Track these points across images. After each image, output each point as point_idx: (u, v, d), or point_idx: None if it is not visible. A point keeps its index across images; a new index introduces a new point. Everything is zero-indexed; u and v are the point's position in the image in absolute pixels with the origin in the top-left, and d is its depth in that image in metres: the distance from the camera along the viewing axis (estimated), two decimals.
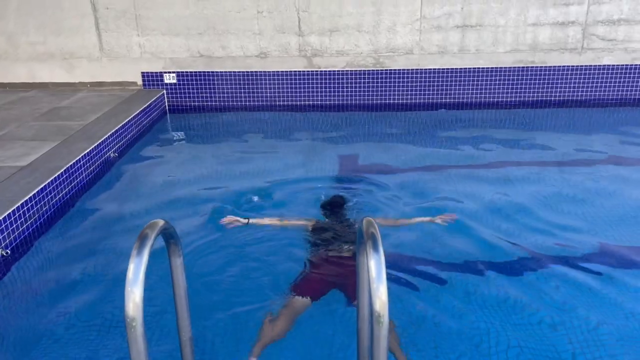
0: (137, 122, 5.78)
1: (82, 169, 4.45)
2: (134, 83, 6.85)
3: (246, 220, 3.48)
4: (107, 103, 6.15)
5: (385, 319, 1.24)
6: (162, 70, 6.76)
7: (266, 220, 3.55)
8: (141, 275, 1.22)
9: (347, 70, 6.74)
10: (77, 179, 4.35)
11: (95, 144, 4.70)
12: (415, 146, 5.61)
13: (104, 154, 4.89)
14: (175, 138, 6.19)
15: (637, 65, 6.59)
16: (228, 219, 3.48)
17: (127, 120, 5.49)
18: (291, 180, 4.51)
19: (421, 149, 5.48)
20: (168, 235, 1.43)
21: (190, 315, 1.62)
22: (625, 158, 5.03)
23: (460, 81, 6.69)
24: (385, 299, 1.22)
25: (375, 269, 1.21)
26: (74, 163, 4.29)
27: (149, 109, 6.21)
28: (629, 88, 6.67)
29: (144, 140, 5.79)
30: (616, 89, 6.67)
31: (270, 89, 6.83)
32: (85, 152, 4.50)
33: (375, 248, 1.24)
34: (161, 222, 1.36)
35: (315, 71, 6.76)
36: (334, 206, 3.67)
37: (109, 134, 5.01)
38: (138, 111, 5.83)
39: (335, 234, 3.28)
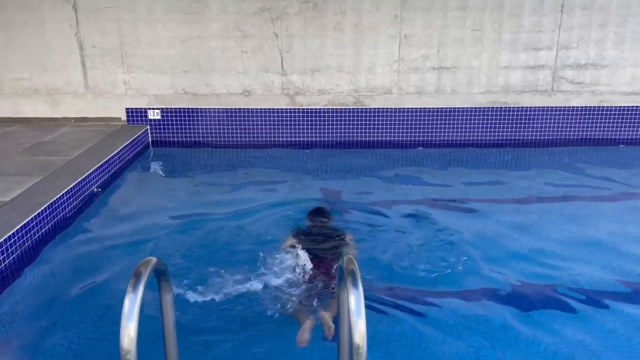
0: (120, 157, 5.85)
1: (66, 204, 4.49)
2: (118, 119, 6.94)
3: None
4: (91, 138, 6.22)
5: (363, 350, 1.33)
6: (147, 107, 6.88)
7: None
8: (136, 310, 1.30)
9: (329, 109, 6.94)
10: (60, 214, 4.38)
11: (79, 180, 4.75)
12: (393, 182, 5.76)
13: (87, 189, 4.93)
14: (157, 173, 6.27)
15: (604, 107, 6.93)
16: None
17: (110, 155, 5.56)
18: (270, 209, 4.68)
19: (399, 185, 5.64)
20: (160, 272, 1.51)
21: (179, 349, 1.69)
22: (596, 196, 5.24)
23: (436, 120, 6.94)
24: (364, 332, 1.32)
25: (354, 304, 1.31)
26: (57, 199, 4.33)
27: (132, 144, 6.29)
28: (597, 129, 6.99)
29: (127, 174, 5.85)
30: (585, 129, 6.98)
31: (253, 125, 6.98)
32: (69, 187, 4.55)
33: (355, 284, 1.34)
34: (154, 260, 1.45)
35: (298, 109, 6.95)
36: (317, 213, 4.02)
37: (93, 169, 5.06)
38: (122, 146, 5.91)
39: (317, 240, 3.68)
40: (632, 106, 6.93)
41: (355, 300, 1.32)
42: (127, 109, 6.87)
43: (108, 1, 6.48)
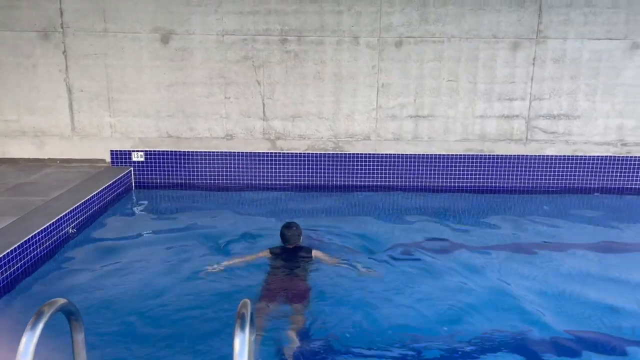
0: (100, 199, 5.96)
1: (37, 244, 4.57)
2: (103, 160, 7.10)
3: (222, 267, 4.25)
4: (74, 179, 6.36)
5: None
6: (131, 149, 7.06)
7: (235, 260, 4.37)
8: (31, 349, 1.38)
9: (309, 153, 7.11)
10: (30, 254, 4.46)
11: (53, 220, 4.85)
12: (370, 224, 5.85)
13: (61, 229, 5.02)
14: (138, 214, 6.36)
15: (577, 156, 7.09)
16: (211, 268, 4.22)
17: (89, 196, 5.67)
18: (249, 243, 4.89)
19: (375, 226, 5.73)
20: (69, 312, 1.60)
21: None
22: (571, 244, 5.30)
23: (414, 166, 7.09)
24: None
25: (238, 347, 1.40)
26: (28, 239, 4.42)
27: (114, 186, 6.42)
28: (571, 177, 7.12)
29: (107, 215, 5.94)
30: (559, 177, 7.12)
31: (235, 168, 7.14)
32: (42, 228, 4.65)
33: (242, 328, 1.43)
34: (61, 301, 1.54)
35: (278, 153, 7.12)
36: (285, 228, 4.46)
37: (69, 210, 5.17)
38: (102, 188, 6.04)
39: (286, 259, 4.33)
40: (605, 156, 7.09)
41: (239, 344, 1.40)
42: (111, 151, 7.05)
43: (97, 48, 6.75)
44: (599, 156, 7.09)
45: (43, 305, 1.51)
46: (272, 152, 7.12)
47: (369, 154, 7.10)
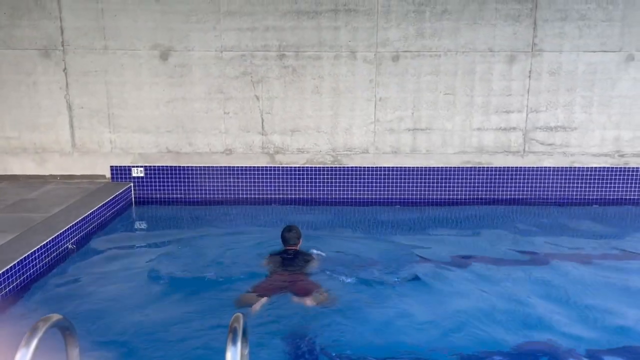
0: (99, 214, 5.99)
1: (37, 260, 4.59)
2: (103, 176, 7.15)
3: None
4: (74, 195, 6.40)
5: None
6: (131, 165, 7.10)
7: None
8: None
9: (307, 167, 7.15)
10: (30, 270, 4.47)
11: (52, 237, 4.88)
12: (368, 238, 5.87)
13: (61, 245, 5.05)
14: (138, 230, 6.39)
15: (575, 167, 7.11)
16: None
17: (89, 212, 5.71)
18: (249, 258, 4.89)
19: (373, 240, 5.75)
20: (63, 328, 1.62)
21: None
22: (569, 254, 5.30)
23: (412, 179, 7.12)
24: None
25: None
26: (27, 255, 4.44)
27: (113, 201, 6.45)
28: (569, 189, 7.15)
29: (106, 231, 5.97)
30: (557, 189, 7.14)
31: (234, 183, 7.17)
32: (41, 244, 4.67)
33: (234, 342, 1.45)
34: (55, 316, 1.56)
35: (278, 167, 7.16)
36: (286, 230, 4.79)
37: (68, 226, 5.20)
38: (101, 204, 6.07)
39: (286, 263, 4.61)
40: (602, 167, 7.11)
41: (231, 358, 1.42)
42: (111, 166, 7.10)
43: (97, 65, 6.83)
44: (596, 167, 7.12)
45: (37, 321, 1.53)
46: (271, 167, 7.16)
47: (368, 167, 7.13)
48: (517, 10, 6.74)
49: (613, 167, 7.13)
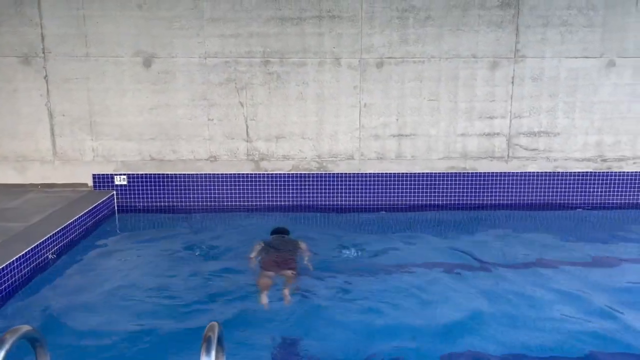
0: (81, 223, 5.89)
1: (16, 270, 4.49)
2: (85, 185, 7.04)
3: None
4: (55, 204, 6.29)
5: None
6: (113, 173, 7.01)
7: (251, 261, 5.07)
8: None
9: (293, 174, 7.11)
10: (9, 280, 4.37)
11: (32, 246, 4.78)
12: (354, 245, 5.83)
13: (41, 255, 4.95)
14: (120, 238, 6.27)
15: (558, 172, 7.17)
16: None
17: (70, 221, 5.61)
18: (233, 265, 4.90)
19: (357, 247, 5.71)
20: (33, 339, 1.56)
21: None
22: (550, 260, 5.32)
23: (398, 185, 7.12)
24: None
25: None
26: (6, 265, 4.34)
27: (95, 210, 6.36)
28: (552, 193, 7.19)
29: (88, 240, 5.87)
30: (541, 194, 7.19)
31: (219, 190, 7.11)
32: (21, 254, 4.57)
33: (208, 352, 1.41)
34: (25, 328, 1.50)
35: (263, 174, 7.12)
36: (278, 231, 5.60)
37: (48, 235, 5.10)
38: (83, 212, 5.97)
39: (277, 245, 5.24)
40: (585, 172, 7.18)
41: None
42: (93, 175, 7.00)
43: (78, 72, 6.75)
44: (579, 172, 7.18)
45: (5, 333, 1.47)
46: (256, 174, 7.12)
47: (353, 173, 7.12)
48: (499, 17, 6.80)
49: (596, 172, 7.20)
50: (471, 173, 7.14)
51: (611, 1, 6.80)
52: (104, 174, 7.01)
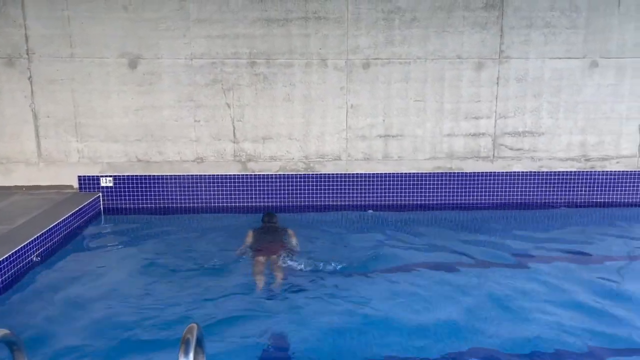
0: (66, 225, 5.86)
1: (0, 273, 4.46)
2: (70, 186, 7.00)
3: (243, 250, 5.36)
4: (39, 206, 6.24)
5: None
6: (99, 174, 6.97)
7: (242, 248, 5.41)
8: None
9: (280, 174, 7.12)
10: None
11: (16, 249, 4.75)
12: (341, 244, 5.85)
13: (25, 257, 4.91)
14: (106, 240, 6.23)
15: (543, 172, 7.24)
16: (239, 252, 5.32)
17: (54, 223, 5.57)
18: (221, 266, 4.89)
19: (345, 245, 5.74)
20: (10, 343, 1.56)
21: None
22: (538, 257, 5.38)
23: (384, 185, 7.15)
24: None
25: None
26: None
27: (80, 212, 6.32)
28: (537, 193, 7.27)
29: (73, 242, 5.82)
30: (525, 193, 7.26)
31: (206, 191, 7.10)
32: (4, 256, 4.54)
33: (186, 354, 1.41)
34: (2, 332, 1.50)
35: (250, 175, 7.12)
36: (268, 215, 6.04)
37: (32, 238, 5.06)
38: (68, 214, 5.94)
39: (266, 233, 5.65)
40: (569, 171, 7.26)
41: None
42: (79, 176, 6.96)
43: (63, 73, 6.71)
44: (564, 171, 7.26)
45: None
46: (243, 175, 7.12)
47: (341, 173, 7.14)
48: (484, 18, 6.86)
49: (579, 171, 7.28)
50: (457, 173, 7.19)
51: (594, 3, 6.89)
52: (89, 176, 6.97)
